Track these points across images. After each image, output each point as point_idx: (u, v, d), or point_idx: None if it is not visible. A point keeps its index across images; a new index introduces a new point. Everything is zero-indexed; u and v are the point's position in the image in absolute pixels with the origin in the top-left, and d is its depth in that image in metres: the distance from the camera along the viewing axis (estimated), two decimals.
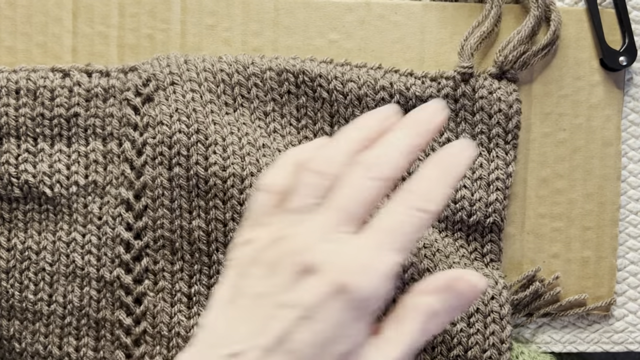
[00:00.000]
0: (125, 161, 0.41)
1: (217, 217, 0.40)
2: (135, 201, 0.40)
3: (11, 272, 0.41)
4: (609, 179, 0.43)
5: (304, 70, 0.41)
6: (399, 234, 0.31)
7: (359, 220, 0.32)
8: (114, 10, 0.42)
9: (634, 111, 0.44)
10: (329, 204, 0.32)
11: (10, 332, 0.41)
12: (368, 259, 0.31)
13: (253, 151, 0.40)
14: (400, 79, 0.41)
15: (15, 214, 0.41)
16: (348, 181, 0.32)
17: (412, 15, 0.43)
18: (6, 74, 0.41)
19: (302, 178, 0.33)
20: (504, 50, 0.41)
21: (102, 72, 0.41)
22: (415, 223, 0.32)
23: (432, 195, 0.32)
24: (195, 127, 0.39)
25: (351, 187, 0.32)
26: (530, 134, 0.42)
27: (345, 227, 0.31)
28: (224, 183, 0.39)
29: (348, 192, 0.32)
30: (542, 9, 0.41)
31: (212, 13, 0.42)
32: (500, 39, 0.42)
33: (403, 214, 0.32)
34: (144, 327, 0.41)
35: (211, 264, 0.40)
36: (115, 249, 0.40)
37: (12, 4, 0.42)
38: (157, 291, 0.41)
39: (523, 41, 0.41)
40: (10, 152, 0.41)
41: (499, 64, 0.41)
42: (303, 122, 0.42)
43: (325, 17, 0.42)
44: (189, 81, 0.40)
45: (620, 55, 0.42)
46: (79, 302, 0.41)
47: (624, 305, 0.44)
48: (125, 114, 0.41)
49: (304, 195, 0.32)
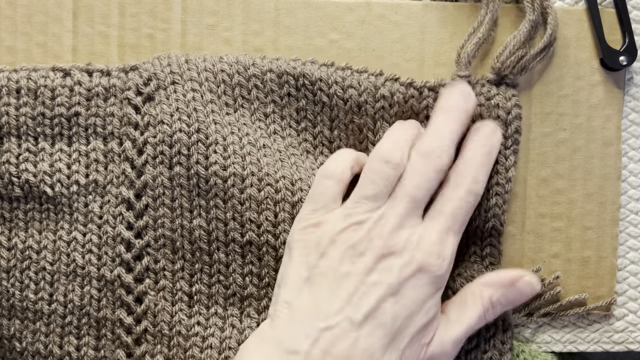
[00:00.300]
0: (126, 160, 0.41)
1: (218, 217, 0.40)
2: (136, 200, 0.40)
3: (12, 272, 0.41)
4: (610, 178, 0.43)
5: (305, 73, 0.41)
6: (458, 218, 0.36)
7: (423, 206, 0.37)
8: (114, 9, 0.42)
9: (634, 111, 0.44)
10: (399, 192, 0.36)
11: (11, 331, 0.42)
12: (440, 242, 0.35)
13: (254, 151, 0.40)
14: (400, 89, 0.41)
15: (15, 214, 0.41)
16: (413, 171, 0.36)
17: (413, 15, 0.43)
18: (7, 74, 0.41)
19: (372, 166, 0.37)
20: (500, 56, 0.41)
21: (102, 71, 0.41)
22: (470, 206, 0.37)
23: (480, 178, 0.37)
24: (196, 127, 0.39)
25: (418, 176, 0.36)
26: (531, 134, 0.42)
27: (415, 213, 0.36)
28: (224, 182, 0.39)
29: (416, 182, 0.36)
30: (538, 12, 0.41)
31: (213, 13, 0.42)
32: (498, 41, 0.42)
33: (460, 199, 0.36)
34: (144, 326, 0.40)
35: (212, 263, 0.40)
36: (116, 248, 0.40)
37: (13, 3, 0.42)
38: (158, 290, 0.41)
39: (520, 46, 0.41)
40: (10, 152, 0.41)
41: (497, 70, 0.41)
42: (303, 125, 0.42)
43: (326, 16, 0.42)
44: (190, 81, 0.40)
45: (621, 55, 0.42)
46: (79, 301, 0.41)
47: (625, 304, 0.44)
48: (126, 113, 0.41)
49: (376, 183, 0.36)
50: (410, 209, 0.36)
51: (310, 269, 0.35)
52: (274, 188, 0.40)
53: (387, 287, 0.34)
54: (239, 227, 0.40)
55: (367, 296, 0.34)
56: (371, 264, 0.34)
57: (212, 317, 0.41)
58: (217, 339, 0.40)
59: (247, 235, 0.40)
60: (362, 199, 0.36)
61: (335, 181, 0.37)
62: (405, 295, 0.34)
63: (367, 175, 0.37)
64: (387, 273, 0.34)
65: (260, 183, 0.39)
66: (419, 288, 0.35)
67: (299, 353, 0.33)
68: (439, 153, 0.36)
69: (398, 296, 0.34)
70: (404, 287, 0.34)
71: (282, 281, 0.36)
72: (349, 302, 0.34)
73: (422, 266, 0.35)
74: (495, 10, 0.41)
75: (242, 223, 0.40)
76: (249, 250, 0.40)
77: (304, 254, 0.36)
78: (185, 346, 0.40)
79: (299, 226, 0.37)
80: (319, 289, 0.34)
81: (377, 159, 0.37)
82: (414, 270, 0.35)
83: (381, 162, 0.36)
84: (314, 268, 0.35)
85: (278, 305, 0.35)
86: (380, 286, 0.34)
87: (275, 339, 0.34)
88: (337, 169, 0.38)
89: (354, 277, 0.34)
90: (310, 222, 0.37)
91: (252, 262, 0.40)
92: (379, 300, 0.34)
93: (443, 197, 0.37)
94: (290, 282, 0.35)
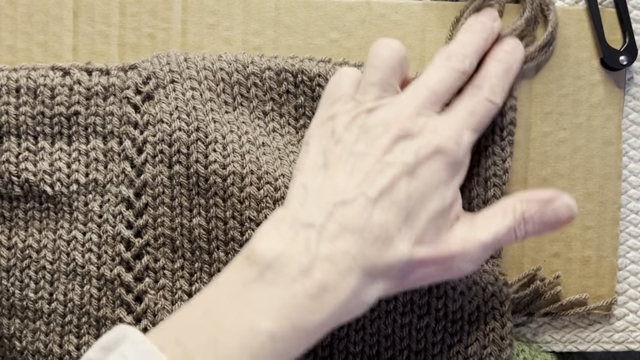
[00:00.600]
0: (126, 159, 0.41)
1: (218, 215, 0.40)
2: (135, 199, 0.40)
3: (12, 271, 0.41)
4: (610, 178, 0.43)
5: (303, 69, 0.41)
6: (476, 117, 0.36)
7: (442, 103, 0.36)
8: (114, 9, 0.43)
9: (634, 110, 0.44)
10: (419, 84, 0.36)
11: (11, 330, 0.41)
12: (457, 131, 0.35)
13: (253, 149, 0.40)
14: None
15: (15, 213, 0.41)
16: (435, 67, 0.36)
17: (413, 14, 0.43)
18: (6, 73, 0.41)
19: (375, 51, 0.37)
20: None
21: (102, 70, 0.41)
22: (487, 110, 0.37)
23: (498, 90, 0.37)
24: (195, 125, 0.39)
25: (439, 72, 0.36)
26: (531, 134, 0.42)
27: (433, 108, 0.36)
28: (224, 181, 0.39)
29: (437, 77, 0.36)
30: (537, 10, 0.41)
31: (213, 12, 0.42)
32: None
33: (477, 103, 0.36)
34: (144, 325, 0.40)
35: (212, 262, 0.40)
36: (116, 247, 0.40)
37: (13, 3, 0.42)
38: (158, 289, 0.41)
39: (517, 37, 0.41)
40: (10, 151, 0.41)
41: None
42: (301, 122, 0.42)
43: (326, 16, 0.43)
44: (189, 79, 0.40)
45: (621, 55, 0.42)
46: (79, 300, 0.41)
47: (625, 304, 0.44)
48: (125, 112, 0.41)
49: (379, 68, 0.36)
50: (429, 101, 0.35)
51: (326, 155, 0.35)
52: (274, 186, 0.40)
53: (403, 166, 0.33)
54: (239, 225, 0.40)
55: (382, 174, 0.33)
56: (387, 145, 0.34)
57: None
58: None
59: (246, 234, 0.40)
60: (368, 85, 0.36)
61: (347, 77, 0.37)
62: (421, 176, 0.34)
63: (370, 63, 0.37)
64: (403, 153, 0.34)
65: (260, 181, 0.39)
66: (435, 171, 0.34)
67: (314, 226, 0.33)
68: (461, 57, 0.37)
69: (413, 176, 0.33)
70: (420, 167, 0.34)
71: (298, 170, 0.36)
72: (365, 180, 0.33)
73: (439, 149, 0.34)
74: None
75: (241, 222, 0.40)
76: None
77: (321, 143, 0.35)
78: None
79: (315, 123, 0.37)
80: (335, 170, 0.34)
81: (380, 44, 0.37)
82: (431, 152, 0.34)
83: (385, 46, 0.37)
84: (329, 153, 0.35)
85: (294, 188, 0.35)
86: (396, 165, 0.33)
87: (290, 216, 0.34)
88: (345, 69, 0.38)
89: (370, 157, 0.34)
90: (323, 116, 0.36)
91: None
92: (394, 178, 0.33)
93: (462, 98, 0.37)
94: (306, 169, 0.35)
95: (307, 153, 0.36)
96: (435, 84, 0.36)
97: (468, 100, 0.37)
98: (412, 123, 0.34)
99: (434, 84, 0.36)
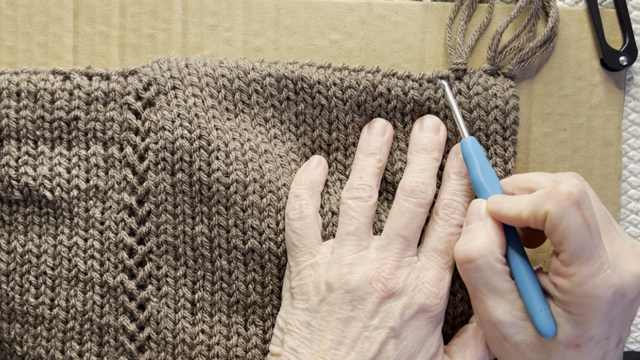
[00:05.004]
0: (127, 166, 0.40)
1: (220, 223, 0.40)
2: (138, 206, 0.40)
3: (11, 275, 0.41)
4: (610, 178, 0.43)
5: (303, 77, 0.41)
6: (450, 254, 0.38)
7: (416, 241, 0.38)
8: (114, 10, 0.42)
9: (634, 111, 0.44)
10: (390, 232, 0.37)
11: (11, 335, 0.42)
12: (437, 282, 0.37)
13: (255, 157, 0.40)
14: (398, 83, 0.41)
15: (15, 217, 0.41)
16: (400, 211, 0.37)
17: (413, 15, 0.42)
18: (7, 76, 0.41)
19: (347, 203, 0.38)
20: (492, 45, 0.41)
21: (102, 75, 0.41)
22: (457, 239, 0.37)
23: (462, 210, 0.38)
24: (198, 133, 0.39)
25: (405, 215, 0.37)
26: (531, 134, 0.43)
27: (409, 250, 0.37)
28: (226, 189, 0.39)
29: (404, 222, 0.37)
30: (538, 8, 0.41)
31: (213, 13, 0.42)
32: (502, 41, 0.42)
33: (451, 234, 0.38)
34: (148, 333, 0.40)
35: (214, 270, 0.40)
36: (119, 254, 0.40)
37: (13, 3, 0.42)
38: (161, 297, 0.41)
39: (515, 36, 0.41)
40: (10, 155, 0.41)
41: (491, 60, 0.41)
42: (302, 129, 0.42)
43: (326, 17, 0.42)
44: (191, 86, 0.40)
45: (621, 55, 0.42)
46: (82, 306, 0.41)
47: None
48: (126, 118, 0.40)
49: (355, 217, 0.38)
50: (404, 247, 0.37)
51: (311, 314, 0.36)
52: (276, 196, 0.40)
53: (389, 331, 0.35)
54: (241, 234, 0.40)
55: (369, 341, 0.35)
56: (372, 308, 0.35)
57: (216, 325, 0.41)
58: (223, 348, 0.40)
59: (249, 242, 0.40)
60: (345, 235, 0.37)
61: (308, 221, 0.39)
62: (408, 337, 0.35)
63: (345, 212, 0.38)
64: (388, 316, 0.35)
65: (263, 190, 0.39)
66: (420, 328, 0.36)
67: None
68: (422, 188, 0.38)
69: (400, 338, 0.35)
70: (405, 328, 0.35)
71: (285, 326, 0.37)
72: (353, 348, 0.35)
73: (422, 307, 0.36)
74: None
75: (244, 230, 0.40)
76: (251, 257, 0.40)
77: (304, 299, 0.37)
78: (191, 355, 0.40)
79: (292, 275, 0.38)
80: (323, 337, 0.35)
81: (348, 197, 0.38)
82: (415, 312, 0.36)
83: (353, 199, 0.38)
84: (316, 313, 0.36)
85: (285, 351, 0.36)
86: (382, 330, 0.35)
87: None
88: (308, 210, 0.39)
89: (356, 322, 0.35)
90: (302, 265, 0.38)
91: (254, 269, 0.40)
92: (382, 344, 0.35)
93: (435, 233, 0.38)
94: (293, 329, 0.37)
95: (292, 306, 0.38)
96: (405, 230, 0.37)
97: (442, 232, 0.38)
98: (394, 280, 0.36)
99: (404, 231, 0.37)
